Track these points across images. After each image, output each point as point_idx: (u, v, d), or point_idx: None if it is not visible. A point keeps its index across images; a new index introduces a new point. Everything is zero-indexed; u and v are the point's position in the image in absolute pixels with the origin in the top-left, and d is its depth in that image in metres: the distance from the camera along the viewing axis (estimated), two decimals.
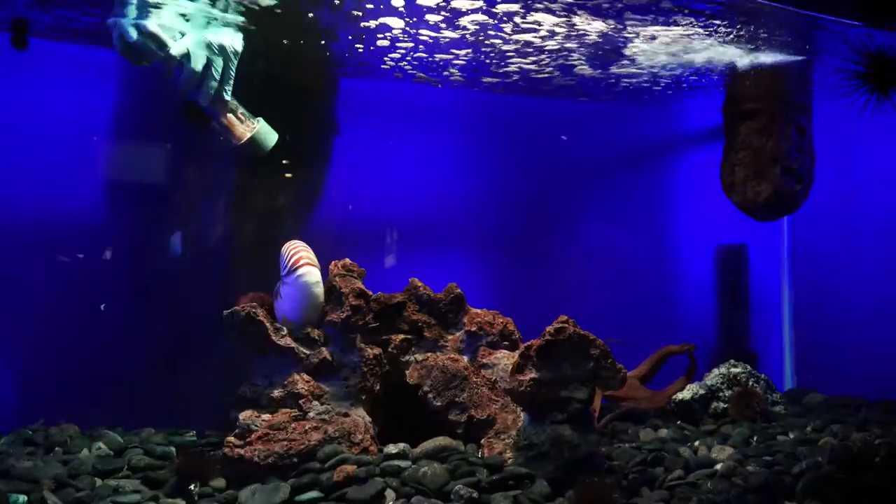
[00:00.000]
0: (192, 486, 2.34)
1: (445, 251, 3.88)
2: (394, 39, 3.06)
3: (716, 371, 3.50)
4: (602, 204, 4.25)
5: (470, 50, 3.19)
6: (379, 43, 3.09)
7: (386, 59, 3.32)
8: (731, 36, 3.07)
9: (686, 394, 3.41)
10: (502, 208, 4.01)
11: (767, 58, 3.37)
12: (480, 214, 3.96)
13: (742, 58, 3.37)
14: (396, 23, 2.87)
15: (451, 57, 3.29)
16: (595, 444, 2.48)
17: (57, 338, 3.15)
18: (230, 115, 2.80)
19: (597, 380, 2.47)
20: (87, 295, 3.17)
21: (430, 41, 3.08)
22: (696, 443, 2.89)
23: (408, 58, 3.31)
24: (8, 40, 2.85)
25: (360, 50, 3.20)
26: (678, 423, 3.31)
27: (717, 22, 2.91)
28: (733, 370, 3.47)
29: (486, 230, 3.97)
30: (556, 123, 4.04)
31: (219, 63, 2.70)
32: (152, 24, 2.66)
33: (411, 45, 3.13)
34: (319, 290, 2.70)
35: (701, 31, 3.00)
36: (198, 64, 2.65)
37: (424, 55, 3.29)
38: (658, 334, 4.18)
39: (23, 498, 2.22)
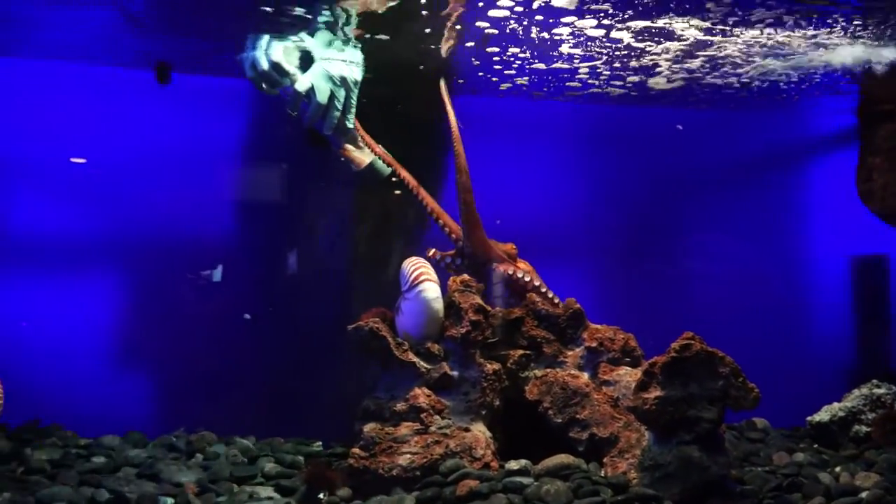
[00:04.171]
0: (321, 496, 2.43)
1: (561, 265, 3.83)
2: (519, 60, 3.11)
3: (856, 392, 3.27)
4: (726, 214, 4.08)
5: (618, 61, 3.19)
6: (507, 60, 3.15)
7: (507, 76, 3.37)
8: (865, 31, 2.89)
9: (824, 416, 3.21)
10: (620, 221, 3.94)
11: None
12: (597, 228, 3.90)
13: (878, 54, 3.16)
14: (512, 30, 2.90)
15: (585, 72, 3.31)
16: (726, 467, 2.38)
17: (196, 351, 3.37)
18: (351, 144, 2.94)
19: (727, 399, 2.37)
20: (222, 311, 3.39)
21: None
22: (837, 468, 2.71)
23: (532, 76, 3.35)
24: (154, 76, 3.11)
25: (477, 68, 3.26)
26: (815, 446, 3.12)
27: (851, 17, 2.75)
28: (876, 391, 3.23)
29: (604, 244, 3.91)
30: (673, 133, 3.93)
31: (341, 94, 2.85)
32: (277, 53, 2.83)
33: (542, 66, 3.20)
34: (439, 305, 2.74)
35: (831, 28, 2.84)
36: (322, 97, 2.79)
37: (545, 75, 3.32)
38: (789, 352, 3.96)
39: (170, 501, 2.38)
